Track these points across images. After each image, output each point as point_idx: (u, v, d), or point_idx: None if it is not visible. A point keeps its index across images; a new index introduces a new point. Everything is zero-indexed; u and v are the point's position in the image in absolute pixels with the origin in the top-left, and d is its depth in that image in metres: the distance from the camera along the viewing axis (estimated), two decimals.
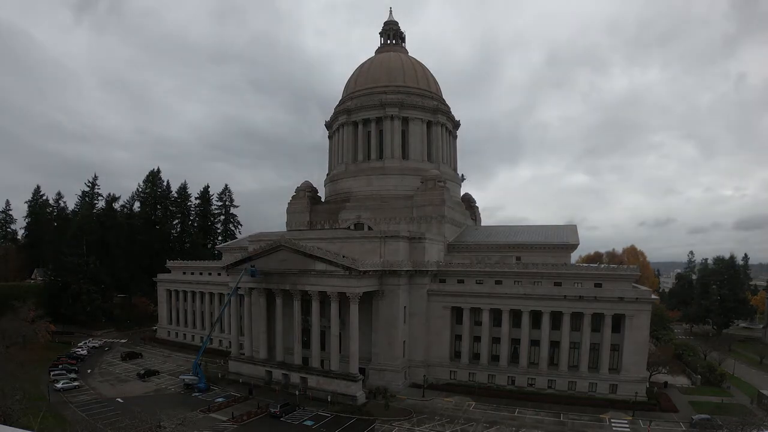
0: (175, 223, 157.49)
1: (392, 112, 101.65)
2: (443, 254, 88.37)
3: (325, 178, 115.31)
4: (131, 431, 48.25)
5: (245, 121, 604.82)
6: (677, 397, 71.18)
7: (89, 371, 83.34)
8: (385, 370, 73.67)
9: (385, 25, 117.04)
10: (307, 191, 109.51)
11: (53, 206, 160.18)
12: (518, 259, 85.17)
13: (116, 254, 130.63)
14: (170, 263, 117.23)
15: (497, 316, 74.26)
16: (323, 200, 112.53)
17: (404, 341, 75.22)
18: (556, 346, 71.32)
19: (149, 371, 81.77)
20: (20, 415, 47.18)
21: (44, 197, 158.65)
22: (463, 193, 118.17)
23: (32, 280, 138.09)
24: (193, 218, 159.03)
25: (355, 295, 68.51)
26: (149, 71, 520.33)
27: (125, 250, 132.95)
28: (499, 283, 76.48)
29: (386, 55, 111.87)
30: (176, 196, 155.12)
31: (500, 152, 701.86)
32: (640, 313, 67.00)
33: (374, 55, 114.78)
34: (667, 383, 76.89)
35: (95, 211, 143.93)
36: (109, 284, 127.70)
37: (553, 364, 71.79)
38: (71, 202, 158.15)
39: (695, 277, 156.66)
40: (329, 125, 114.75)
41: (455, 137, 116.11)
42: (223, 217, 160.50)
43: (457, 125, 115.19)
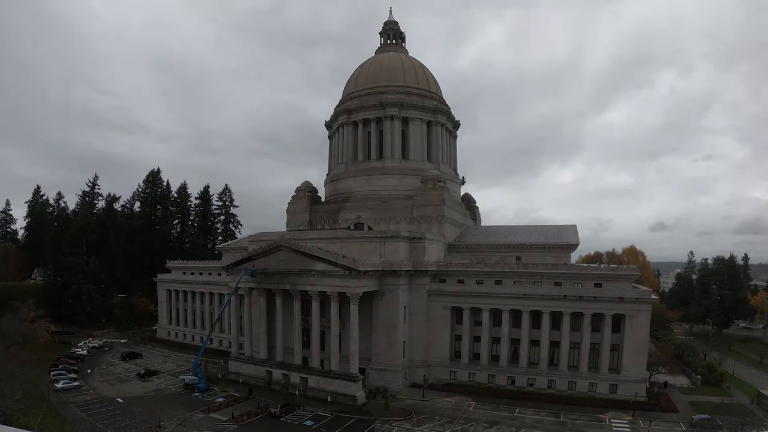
0: (175, 223, 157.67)
1: (392, 112, 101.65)
2: (443, 254, 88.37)
3: (325, 178, 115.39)
4: (131, 431, 48.38)
5: (304, 113, 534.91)
6: (677, 397, 71.21)
7: (89, 371, 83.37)
8: (385, 370, 73.68)
9: (385, 25, 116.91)
10: (307, 191, 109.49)
11: (53, 206, 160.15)
12: (518, 259, 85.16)
13: (116, 254, 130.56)
14: (170, 263, 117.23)
15: (497, 316, 74.29)
16: (323, 200, 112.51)
17: (404, 341, 75.22)
18: (556, 346, 71.36)
19: (149, 371, 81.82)
20: (20, 415, 47.27)
21: (44, 197, 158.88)
22: (463, 193, 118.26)
23: (32, 280, 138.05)
24: (193, 218, 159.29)
25: (355, 295, 68.53)
26: (214, 52, 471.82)
27: (125, 250, 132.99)
28: (499, 283, 76.47)
29: (386, 55, 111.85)
30: (176, 196, 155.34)
31: (557, 152, 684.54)
32: (640, 313, 67.03)
33: (374, 55, 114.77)
34: (667, 383, 76.90)
35: (95, 211, 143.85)
36: (109, 284, 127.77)
37: (553, 364, 71.81)
38: (71, 202, 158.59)
39: (695, 277, 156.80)
40: (329, 125, 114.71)
41: (455, 137, 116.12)
42: (223, 217, 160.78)
43: (457, 125, 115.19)
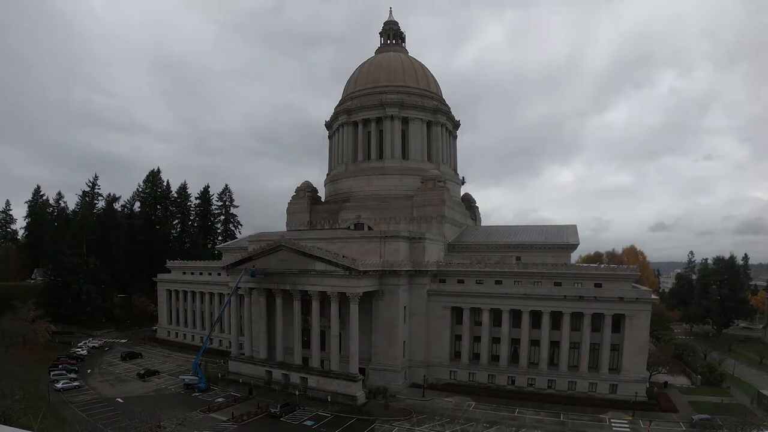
0: (175, 223, 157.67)
1: (392, 112, 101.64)
2: (443, 254, 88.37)
3: (325, 178, 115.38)
4: (131, 431, 48.39)
5: (304, 113, 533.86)
6: (677, 397, 71.21)
7: (89, 371, 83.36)
8: (385, 370, 73.68)
9: (385, 25, 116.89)
10: (307, 191, 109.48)
11: (53, 206, 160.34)
12: (518, 259, 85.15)
13: (116, 254, 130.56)
14: (170, 263, 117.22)
15: (497, 316, 74.28)
16: (323, 200, 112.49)
17: (404, 341, 75.21)
18: (556, 346, 71.35)
19: (149, 371, 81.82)
20: (20, 415, 47.27)
21: (44, 197, 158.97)
22: (463, 193, 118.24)
23: (32, 280, 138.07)
24: (193, 218, 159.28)
25: (355, 295, 68.52)
26: (214, 52, 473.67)
27: (125, 250, 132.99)
28: (499, 283, 76.46)
29: (386, 55, 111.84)
30: (176, 196, 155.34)
31: (557, 152, 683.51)
32: (640, 313, 67.03)
33: (374, 55, 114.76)
34: (667, 383, 76.90)
35: (95, 211, 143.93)
36: (109, 284, 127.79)
37: (553, 364, 71.80)
38: (71, 202, 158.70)
39: (695, 277, 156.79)
40: (329, 125, 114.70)
41: (455, 137, 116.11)
42: (223, 217, 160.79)
43: (457, 125, 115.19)
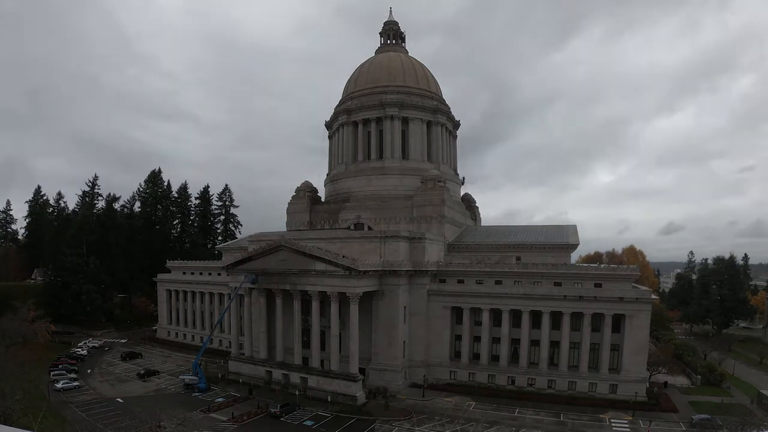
0: (175, 223, 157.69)
1: (392, 112, 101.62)
2: (443, 254, 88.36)
3: (325, 178, 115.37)
4: (131, 431, 48.41)
5: None
6: (677, 397, 71.19)
7: (89, 371, 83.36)
8: (385, 370, 73.67)
9: (385, 25, 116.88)
10: (307, 191, 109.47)
11: (53, 206, 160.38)
12: (518, 259, 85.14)
13: (116, 254, 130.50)
14: (170, 263, 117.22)
15: (497, 316, 74.26)
16: (323, 200, 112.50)
17: (404, 341, 75.20)
18: (556, 346, 71.33)
19: (149, 371, 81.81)
20: (20, 415, 47.28)
21: (44, 197, 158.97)
22: (463, 193, 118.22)
23: (32, 280, 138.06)
24: (193, 218, 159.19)
25: (355, 295, 68.51)
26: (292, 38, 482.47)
27: (125, 250, 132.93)
28: (499, 283, 76.44)
29: (386, 55, 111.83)
30: (176, 196, 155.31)
31: (611, 153, 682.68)
32: (640, 313, 67.01)
33: (374, 55, 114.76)
34: (667, 383, 76.88)
35: (95, 211, 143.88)
36: (109, 284, 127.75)
37: (553, 364, 71.79)
38: (71, 202, 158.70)
39: (695, 277, 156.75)
40: (329, 125, 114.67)
41: (455, 137, 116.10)
42: (223, 217, 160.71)
43: (457, 125, 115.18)
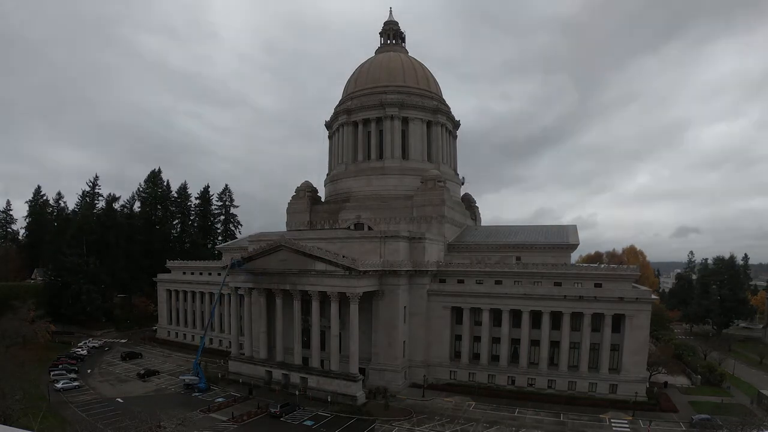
0: (175, 223, 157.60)
1: (392, 112, 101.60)
2: (443, 254, 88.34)
3: (325, 178, 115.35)
4: (131, 431, 48.40)
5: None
6: (677, 397, 71.21)
7: (89, 371, 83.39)
8: (385, 370, 73.67)
9: (385, 25, 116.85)
10: (307, 191, 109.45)
11: (53, 206, 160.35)
12: (518, 259, 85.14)
13: (116, 254, 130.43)
14: (170, 263, 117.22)
15: (497, 316, 74.26)
16: (323, 200, 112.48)
17: (404, 341, 75.20)
18: (556, 346, 71.34)
19: (149, 371, 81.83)
20: (20, 415, 47.30)
21: (44, 197, 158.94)
22: (463, 193, 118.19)
23: (32, 280, 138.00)
24: (193, 218, 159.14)
25: (355, 295, 68.50)
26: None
27: (125, 250, 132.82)
28: (499, 283, 76.46)
29: (386, 55, 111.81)
30: (176, 196, 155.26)
31: (664, 155, 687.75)
32: (640, 313, 67.02)
33: (374, 55, 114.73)
34: (667, 383, 76.87)
35: (95, 211, 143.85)
36: (109, 284, 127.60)
37: (553, 364, 71.79)
38: (71, 202, 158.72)
39: (695, 277, 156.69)
40: (329, 125, 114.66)
41: (455, 137, 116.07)
42: (223, 217, 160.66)
43: (457, 125, 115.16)
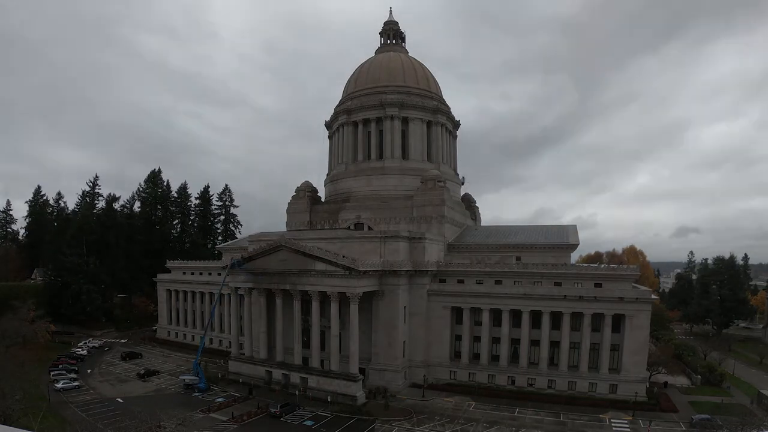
0: (175, 223, 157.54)
1: (392, 112, 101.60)
2: (443, 254, 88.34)
3: (325, 178, 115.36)
4: (131, 431, 48.40)
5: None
6: (677, 397, 71.22)
7: (89, 371, 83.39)
8: (385, 370, 73.67)
9: (385, 25, 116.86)
10: (307, 191, 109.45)
11: (53, 206, 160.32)
12: (518, 259, 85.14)
13: (116, 254, 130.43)
14: (170, 263, 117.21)
15: (497, 316, 74.27)
16: (323, 200, 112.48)
17: (404, 341, 75.20)
18: (556, 346, 71.34)
19: (149, 371, 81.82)
20: (20, 415, 47.30)
21: (44, 197, 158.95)
22: (463, 193, 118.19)
23: (32, 280, 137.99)
24: (193, 218, 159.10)
25: (355, 295, 68.50)
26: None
27: (125, 250, 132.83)
28: (499, 283, 76.45)
29: (386, 55, 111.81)
30: (176, 196, 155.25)
31: (664, 155, 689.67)
32: (640, 313, 67.02)
33: (374, 55, 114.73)
34: (667, 383, 76.87)
35: (95, 211, 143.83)
36: (109, 284, 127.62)
37: (553, 364, 71.79)
38: (71, 202, 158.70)
39: (695, 277, 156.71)
40: (329, 125, 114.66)
41: (455, 137, 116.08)
42: (223, 217, 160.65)
43: (457, 125, 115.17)
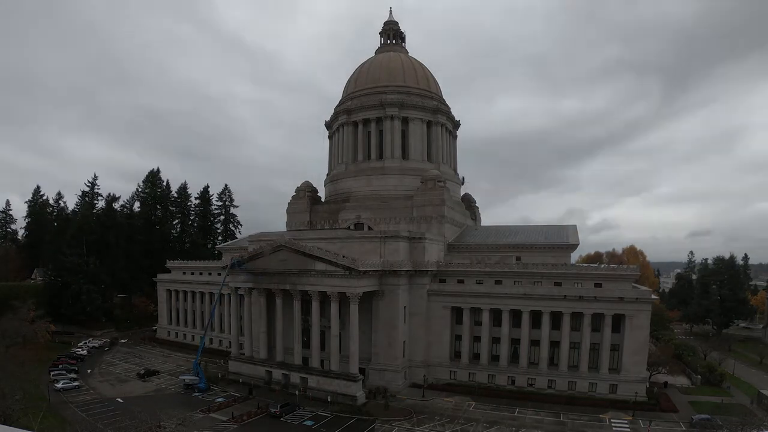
0: (175, 223, 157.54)
1: (392, 112, 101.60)
2: (443, 254, 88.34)
3: (325, 178, 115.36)
4: (131, 431, 48.40)
5: None
6: (677, 397, 71.21)
7: (89, 371, 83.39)
8: (385, 370, 73.67)
9: (385, 25, 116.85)
10: (307, 191, 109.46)
11: (53, 206, 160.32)
12: (518, 259, 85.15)
13: (116, 254, 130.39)
14: (170, 263, 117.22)
15: (497, 316, 74.26)
16: (323, 200, 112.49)
17: (404, 341, 75.20)
18: (556, 346, 71.33)
19: (149, 371, 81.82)
20: (20, 415, 47.25)
21: (44, 197, 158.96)
22: (463, 193, 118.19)
23: (32, 280, 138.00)
24: (193, 218, 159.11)
25: (355, 295, 68.50)
26: None
27: (125, 250, 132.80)
28: (499, 283, 76.44)
29: (386, 55, 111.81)
30: (176, 196, 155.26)
31: (691, 155, 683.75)
32: (640, 313, 67.01)
33: (374, 55, 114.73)
34: (667, 383, 76.88)
35: (95, 211, 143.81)
36: (109, 284, 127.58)
37: (553, 364, 71.79)
38: (71, 202, 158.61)
39: (695, 277, 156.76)
40: (329, 125, 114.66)
41: (455, 137, 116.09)
42: (223, 217, 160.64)
43: (457, 125, 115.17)
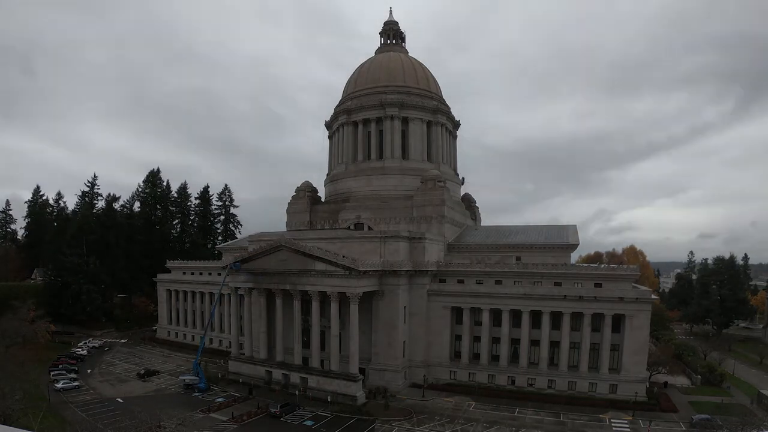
0: (175, 223, 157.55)
1: (392, 112, 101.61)
2: (443, 254, 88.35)
3: (325, 178, 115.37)
4: (131, 431, 48.41)
5: None
6: (677, 397, 71.21)
7: (89, 371, 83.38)
8: (385, 370, 73.68)
9: (385, 25, 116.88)
10: (307, 191, 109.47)
11: (53, 206, 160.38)
12: (518, 259, 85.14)
13: (116, 254, 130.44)
14: (170, 263, 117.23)
15: (497, 316, 74.27)
16: (323, 200, 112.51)
17: (404, 341, 75.21)
18: (556, 346, 71.34)
19: (149, 371, 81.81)
20: (20, 415, 47.27)
21: (44, 197, 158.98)
22: (463, 193, 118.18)
23: (32, 280, 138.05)
24: (193, 218, 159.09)
25: (355, 295, 68.51)
26: None
27: (125, 250, 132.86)
28: (499, 283, 76.44)
29: (386, 55, 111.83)
30: (176, 196, 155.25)
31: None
32: (640, 313, 67.02)
33: (374, 55, 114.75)
34: (667, 383, 76.89)
35: (95, 211, 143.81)
36: (109, 284, 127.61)
37: (553, 364, 71.80)
38: (71, 202, 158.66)
39: (695, 277, 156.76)
40: (329, 125, 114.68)
41: (455, 137, 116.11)
42: (223, 217, 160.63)
43: (457, 125, 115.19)
